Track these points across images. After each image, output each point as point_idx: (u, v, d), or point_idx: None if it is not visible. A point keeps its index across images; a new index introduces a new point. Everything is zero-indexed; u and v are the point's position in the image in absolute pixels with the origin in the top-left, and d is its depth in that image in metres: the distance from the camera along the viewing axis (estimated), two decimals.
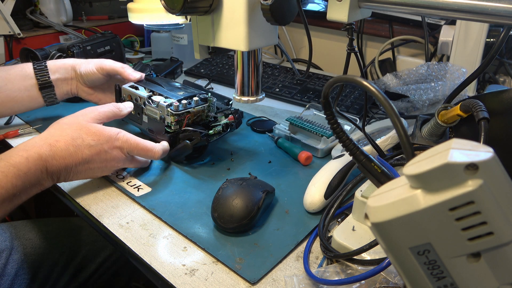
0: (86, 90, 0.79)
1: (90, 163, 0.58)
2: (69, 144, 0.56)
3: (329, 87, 0.37)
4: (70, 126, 0.58)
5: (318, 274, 0.45)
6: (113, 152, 0.60)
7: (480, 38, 0.84)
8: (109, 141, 0.59)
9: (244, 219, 0.51)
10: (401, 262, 0.26)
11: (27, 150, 0.53)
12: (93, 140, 0.57)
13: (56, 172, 0.55)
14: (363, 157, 0.40)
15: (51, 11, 1.18)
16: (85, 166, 0.58)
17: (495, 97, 0.52)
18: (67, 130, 0.57)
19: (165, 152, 0.65)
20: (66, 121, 0.59)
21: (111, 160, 0.60)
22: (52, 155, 0.54)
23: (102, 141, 0.58)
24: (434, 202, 0.23)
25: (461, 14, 0.38)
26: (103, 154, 0.59)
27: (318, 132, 0.71)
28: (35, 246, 0.76)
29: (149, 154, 0.62)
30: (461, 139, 0.24)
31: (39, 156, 0.53)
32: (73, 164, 0.56)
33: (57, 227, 0.82)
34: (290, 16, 0.51)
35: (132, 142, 0.61)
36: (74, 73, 0.77)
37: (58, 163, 0.55)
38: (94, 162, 0.58)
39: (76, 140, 0.57)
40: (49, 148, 0.54)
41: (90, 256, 0.81)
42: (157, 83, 0.73)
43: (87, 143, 0.57)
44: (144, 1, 0.78)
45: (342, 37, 1.21)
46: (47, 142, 0.55)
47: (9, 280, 0.69)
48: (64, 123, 0.59)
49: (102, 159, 0.59)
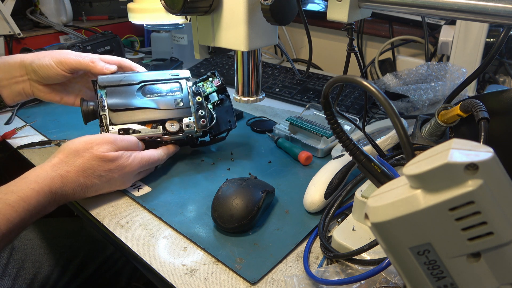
0: (42, 89, 0.68)
1: (99, 190, 0.57)
2: (79, 176, 0.54)
3: (329, 87, 0.37)
4: (83, 156, 0.55)
5: (318, 274, 0.45)
6: (124, 179, 0.59)
7: (480, 38, 0.84)
8: (120, 169, 0.57)
9: (244, 219, 0.51)
10: (401, 262, 0.26)
11: (39, 182, 0.51)
12: (103, 172, 0.56)
13: (63, 200, 0.54)
14: (363, 157, 0.40)
15: (51, 11, 1.18)
16: (93, 192, 0.57)
17: (495, 97, 0.52)
18: (79, 160, 0.55)
19: (169, 154, 0.65)
20: (79, 148, 0.55)
21: (120, 184, 0.59)
22: (62, 186, 0.53)
23: (113, 170, 0.57)
24: (434, 202, 0.23)
25: (461, 14, 0.38)
26: (113, 181, 0.58)
27: (318, 132, 0.71)
28: (36, 246, 0.76)
29: (157, 162, 0.63)
30: (461, 139, 0.24)
31: (49, 190, 0.52)
32: (81, 192, 0.55)
33: (58, 227, 0.82)
34: (290, 16, 0.51)
35: (144, 162, 0.60)
36: (24, 70, 0.66)
37: (67, 193, 0.54)
38: (102, 188, 0.58)
39: (87, 171, 0.55)
40: (60, 180, 0.53)
41: (90, 256, 0.81)
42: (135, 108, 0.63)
43: (97, 174, 0.55)
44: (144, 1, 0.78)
45: (342, 37, 1.21)
46: (58, 174, 0.53)
47: (10, 280, 0.69)
48: (76, 150, 0.55)
49: (112, 184, 0.58)
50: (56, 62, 0.65)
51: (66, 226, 0.83)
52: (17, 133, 0.77)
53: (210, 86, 0.69)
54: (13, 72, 0.66)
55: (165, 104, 0.64)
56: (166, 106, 0.64)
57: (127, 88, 0.65)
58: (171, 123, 0.63)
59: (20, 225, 0.48)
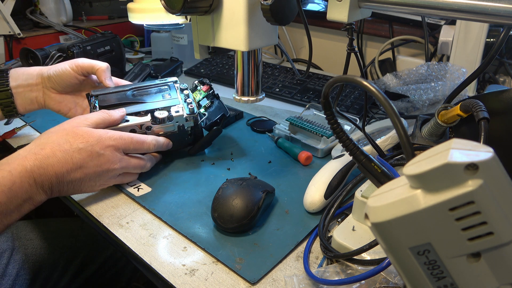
0: (54, 98, 0.70)
1: (84, 168, 0.53)
2: (55, 150, 0.51)
3: (329, 87, 0.37)
4: (56, 133, 0.54)
5: (318, 274, 0.45)
6: (106, 152, 0.55)
7: (480, 38, 0.84)
8: (99, 141, 0.55)
9: (244, 219, 0.51)
10: (401, 262, 0.26)
11: (9, 163, 0.49)
12: (81, 143, 0.53)
13: (46, 183, 0.51)
14: (363, 157, 0.40)
15: (51, 11, 1.18)
16: (78, 172, 0.53)
17: (495, 97, 0.52)
18: (53, 137, 0.53)
19: (158, 144, 0.62)
20: (52, 130, 0.55)
21: (106, 162, 0.55)
22: (39, 164, 0.50)
23: (92, 142, 0.54)
24: (434, 202, 0.23)
25: (461, 14, 0.38)
26: (96, 157, 0.54)
27: (318, 132, 0.71)
28: (36, 247, 0.76)
29: (145, 147, 0.60)
30: (461, 139, 0.24)
31: (23, 168, 0.49)
32: (64, 171, 0.52)
33: (58, 227, 0.82)
34: (290, 16, 0.51)
35: (125, 137, 0.57)
36: (40, 78, 0.69)
37: (47, 172, 0.50)
38: (87, 166, 0.54)
39: (63, 145, 0.52)
40: (34, 157, 0.50)
41: (90, 257, 0.81)
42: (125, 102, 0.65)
43: (75, 147, 0.53)
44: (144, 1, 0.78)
45: (342, 37, 1.21)
46: (31, 152, 0.51)
47: (11, 281, 0.69)
48: (50, 131, 0.55)
49: (96, 162, 0.54)
50: (70, 65, 0.69)
51: (67, 227, 0.83)
52: (17, 133, 0.77)
53: (199, 94, 0.71)
54: (30, 80, 0.69)
55: (154, 97, 0.68)
56: (154, 99, 0.67)
57: (118, 94, 0.68)
58: (159, 112, 0.64)
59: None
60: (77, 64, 0.69)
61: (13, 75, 0.69)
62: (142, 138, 0.60)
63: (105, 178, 0.57)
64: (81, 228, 0.83)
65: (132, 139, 0.58)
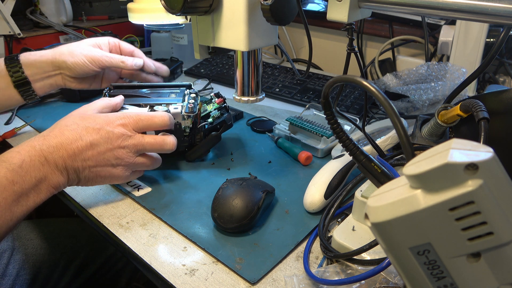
0: (73, 81, 0.74)
1: (95, 147, 0.52)
2: (63, 130, 0.52)
3: (329, 87, 0.37)
4: (63, 119, 0.55)
5: (318, 274, 0.45)
6: (115, 130, 0.54)
7: (480, 38, 0.84)
8: (107, 120, 0.54)
9: (244, 219, 0.51)
10: (401, 262, 0.26)
11: (18, 146, 0.50)
12: (89, 123, 0.53)
13: (60, 161, 0.50)
14: (363, 157, 0.40)
15: (51, 11, 1.18)
16: (90, 151, 0.52)
17: (495, 97, 0.52)
18: (60, 122, 0.54)
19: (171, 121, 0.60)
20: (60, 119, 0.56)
21: (117, 138, 0.53)
22: (48, 143, 0.50)
23: (100, 121, 0.54)
24: (434, 202, 0.23)
25: (461, 14, 0.38)
26: (105, 134, 0.53)
27: (318, 132, 0.71)
28: (36, 247, 0.76)
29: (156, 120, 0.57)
30: (461, 139, 0.24)
31: (31, 148, 0.49)
32: (75, 148, 0.51)
33: (58, 227, 0.82)
34: (290, 16, 0.51)
35: (132, 114, 0.56)
36: (57, 66, 0.72)
37: (57, 150, 0.50)
38: (98, 144, 0.52)
39: (71, 126, 0.52)
40: (42, 138, 0.50)
41: (91, 257, 0.81)
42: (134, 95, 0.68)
43: (83, 126, 0.53)
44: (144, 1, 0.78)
45: (342, 37, 1.21)
46: (39, 135, 0.51)
47: (11, 281, 0.69)
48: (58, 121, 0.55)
49: (106, 140, 0.53)
50: (90, 60, 0.72)
51: (67, 227, 0.83)
52: (17, 133, 0.77)
53: (212, 105, 0.72)
54: (45, 68, 0.72)
55: (162, 95, 0.69)
56: (159, 96, 0.69)
57: (133, 90, 0.71)
58: (158, 107, 0.64)
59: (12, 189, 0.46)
60: (95, 60, 0.72)
61: (25, 63, 0.70)
62: (150, 114, 0.58)
63: (121, 159, 0.55)
64: (81, 228, 0.83)
65: (140, 115, 0.57)
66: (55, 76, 0.73)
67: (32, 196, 0.48)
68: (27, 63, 0.70)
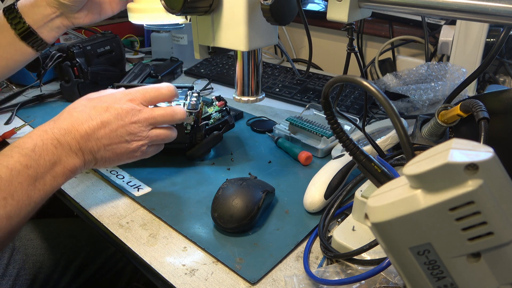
0: (78, 16, 0.71)
1: (107, 125, 0.51)
2: (72, 112, 0.51)
3: (329, 87, 0.37)
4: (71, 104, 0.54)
5: (318, 274, 0.45)
6: (124, 105, 0.53)
7: (480, 38, 0.84)
8: (114, 98, 0.53)
9: (244, 219, 0.51)
10: (401, 262, 0.26)
11: (30, 132, 0.49)
12: (96, 103, 0.53)
13: (73, 142, 0.49)
14: (363, 157, 0.40)
15: None
16: (102, 130, 0.51)
17: (495, 97, 0.52)
18: (68, 107, 0.53)
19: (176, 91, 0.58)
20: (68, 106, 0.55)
21: (127, 114, 0.53)
22: (58, 126, 0.50)
23: (107, 100, 0.53)
24: (434, 202, 0.23)
25: (461, 14, 0.38)
26: (114, 111, 0.52)
27: (318, 132, 0.71)
28: (37, 247, 0.76)
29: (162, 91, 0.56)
30: (461, 139, 0.24)
31: (42, 132, 0.49)
32: (87, 128, 0.50)
33: (59, 227, 0.82)
34: (290, 16, 0.51)
35: (138, 88, 0.55)
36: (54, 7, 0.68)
37: (68, 131, 0.50)
38: (110, 122, 0.52)
39: (78, 108, 0.52)
40: (52, 122, 0.50)
41: (91, 257, 0.81)
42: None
43: (91, 105, 0.52)
44: (144, 1, 0.78)
45: (342, 37, 1.21)
46: (50, 120, 0.51)
47: (11, 281, 0.69)
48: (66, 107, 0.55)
49: (116, 116, 0.52)
50: None
51: (67, 227, 0.83)
52: (17, 133, 0.77)
53: (213, 108, 0.73)
54: (43, 11, 0.68)
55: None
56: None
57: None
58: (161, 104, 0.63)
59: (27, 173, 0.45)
60: None
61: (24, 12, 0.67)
62: (156, 85, 0.57)
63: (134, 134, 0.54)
64: (81, 228, 0.83)
65: (146, 88, 0.56)
66: (58, 17, 0.70)
67: (49, 180, 0.48)
68: (25, 12, 0.68)
